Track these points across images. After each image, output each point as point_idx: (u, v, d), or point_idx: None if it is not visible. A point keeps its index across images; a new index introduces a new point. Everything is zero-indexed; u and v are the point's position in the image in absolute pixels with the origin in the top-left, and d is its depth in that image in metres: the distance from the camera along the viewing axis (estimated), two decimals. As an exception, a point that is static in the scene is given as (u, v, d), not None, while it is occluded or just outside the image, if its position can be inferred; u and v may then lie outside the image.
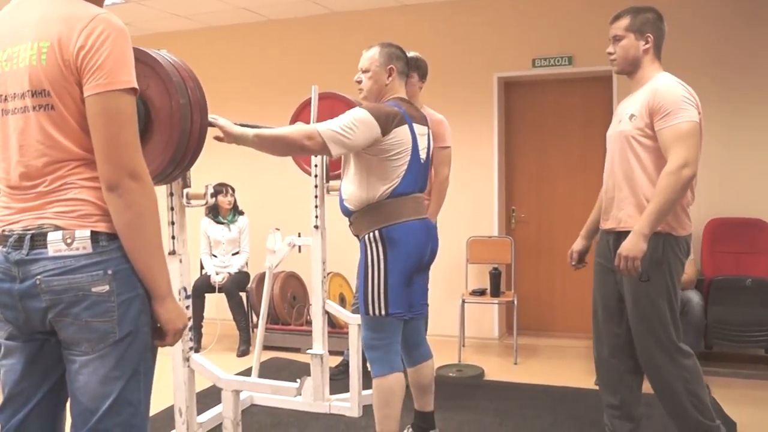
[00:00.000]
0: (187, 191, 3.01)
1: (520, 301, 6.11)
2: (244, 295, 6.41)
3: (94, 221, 1.87)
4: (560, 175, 6.41)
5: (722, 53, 5.70)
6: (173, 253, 3.02)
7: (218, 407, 4.01)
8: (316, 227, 4.42)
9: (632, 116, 3.22)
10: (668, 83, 3.16)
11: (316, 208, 4.41)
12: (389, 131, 3.20)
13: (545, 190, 6.56)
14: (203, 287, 6.24)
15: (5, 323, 1.96)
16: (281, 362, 5.70)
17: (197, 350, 5.98)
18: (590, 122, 6.28)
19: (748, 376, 5.21)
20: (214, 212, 6.48)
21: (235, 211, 6.55)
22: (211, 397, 4.46)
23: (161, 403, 4.16)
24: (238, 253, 6.49)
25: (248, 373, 4.92)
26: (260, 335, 4.70)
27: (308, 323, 6.02)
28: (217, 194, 5.99)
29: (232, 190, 6.49)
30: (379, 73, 3.44)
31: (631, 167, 3.23)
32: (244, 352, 6.12)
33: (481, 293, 5.99)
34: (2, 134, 1.94)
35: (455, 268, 6.34)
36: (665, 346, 3.22)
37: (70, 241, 1.84)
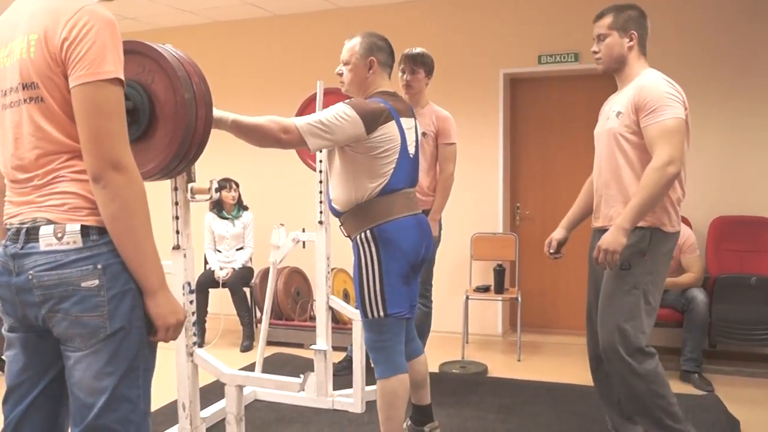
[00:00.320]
0: (191, 186, 2.99)
1: (523, 298, 6.11)
2: (247, 290, 6.41)
3: (84, 215, 1.86)
4: (565, 172, 6.39)
5: (726, 52, 5.68)
6: (177, 248, 3.01)
7: (221, 402, 4.02)
8: (320, 223, 4.42)
9: (619, 113, 3.20)
10: (654, 80, 3.13)
11: (320, 203, 4.41)
12: (375, 129, 3.12)
13: (550, 187, 6.55)
14: (207, 282, 6.24)
15: (7, 315, 1.98)
16: (285, 358, 5.70)
17: (201, 345, 5.99)
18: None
19: (751, 374, 5.20)
20: (218, 207, 6.48)
21: (239, 206, 6.55)
22: (214, 392, 4.47)
23: (164, 397, 4.18)
24: (242, 248, 6.49)
25: (252, 368, 4.93)
26: (264, 330, 4.70)
27: (312, 319, 6.03)
28: (220, 189, 6.00)
29: (235, 185, 6.49)
30: (359, 65, 3.32)
31: (618, 165, 3.21)
32: (247, 347, 6.13)
33: (485, 290, 5.99)
34: (2, 129, 1.95)
35: (459, 264, 6.34)
36: (629, 340, 3.15)
37: (60, 235, 1.84)
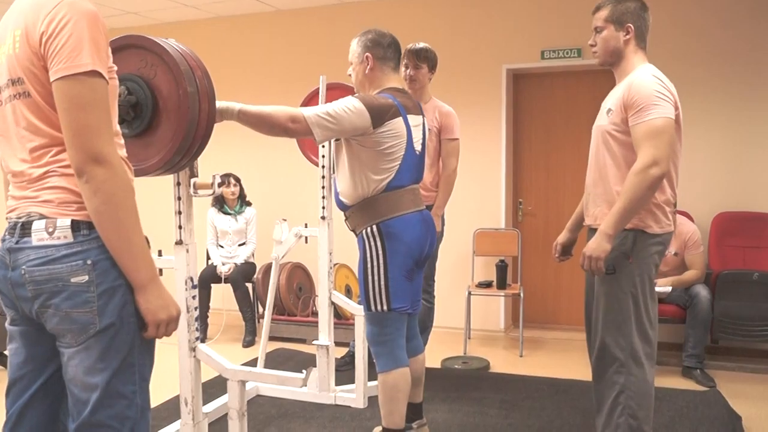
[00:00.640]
0: (194, 181, 3.00)
1: (526, 293, 6.11)
2: (250, 285, 6.40)
3: (74, 210, 1.86)
4: (568, 168, 6.38)
5: (729, 48, 5.67)
6: (180, 243, 3.01)
7: (224, 397, 4.03)
8: (323, 218, 4.42)
9: (609, 111, 3.11)
10: (643, 77, 2.99)
11: (323, 198, 4.41)
12: (381, 124, 3.13)
13: (553, 182, 6.55)
14: (209, 277, 6.25)
15: (7, 308, 1.99)
16: (287, 353, 5.71)
17: (203, 340, 6.00)
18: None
19: (754, 370, 5.20)
20: (219, 203, 6.48)
21: (242, 201, 6.54)
22: (216, 387, 4.47)
23: (167, 392, 4.18)
24: (244, 243, 6.49)
25: (254, 363, 4.93)
26: (266, 326, 4.70)
27: (314, 314, 6.03)
28: (220, 185, 6.00)
29: (235, 180, 6.48)
30: (358, 65, 3.38)
31: (604, 163, 3.13)
32: (249, 342, 6.13)
33: (487, 285, 5.98)
34: (2, 124, 1.95)
35: (462, 260, 6.34)
36: (620, 344, 3.04)
37: (51, 230, 1.84)
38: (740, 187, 5.70)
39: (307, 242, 4.75)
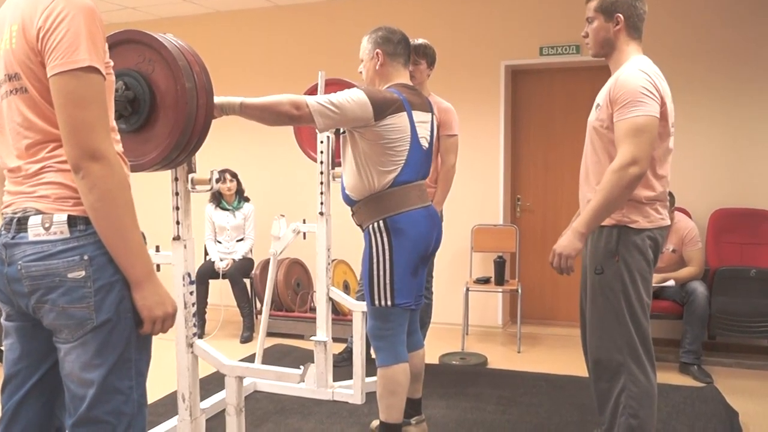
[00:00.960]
0: (192, 176, 2.99)
1: (524, 289, 6.12)
2: (248, 281, 6.41)
3: (70, 205, 1.86)
4: (566, 164, 6.38)
5: (728, 44, 5.66)
6: (178, 238, 3.01)
7: (221, 393, 4.02)
8: (321, 214, 4.41)
9: (597, 106, 3.05)
10: (630, 72, 2.90)
11: (321, 194, 4.40)
12: (384, 117, 3.13)
13: (551, 179, 6.55)
14: (207, 273, 6.24)
15: (3, 304, 1.98)
16: (285, 349, 5.71)
17: (201, 336, 5.99)
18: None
19: (751, 366, 5.21)
20: (217, 198, 6.47)
21: (240, 197, 6.53)
22: (214, 383, 4.48)
23: (164, 388, 4.18)
24: (242, 239, 6.49)
25: (252, 359, 4.93)
26: (264, 322, 4.70)
27: (312, 310, 6.03)
28: (218, 181, 5.99)
29: (231, 175, 6.46)
30: (368, 61, 3.40)
31: (591, 160, 3.08)
32: (247, 338, 6.14)
33: (485, 281, 5.99)
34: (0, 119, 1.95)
35: (460, 256, 6.34)
36: (618, 344, 2.98)
37: (48, 225, 1.83)
38: (738, 183, 5.70)
39: (305, 238, 4.74)
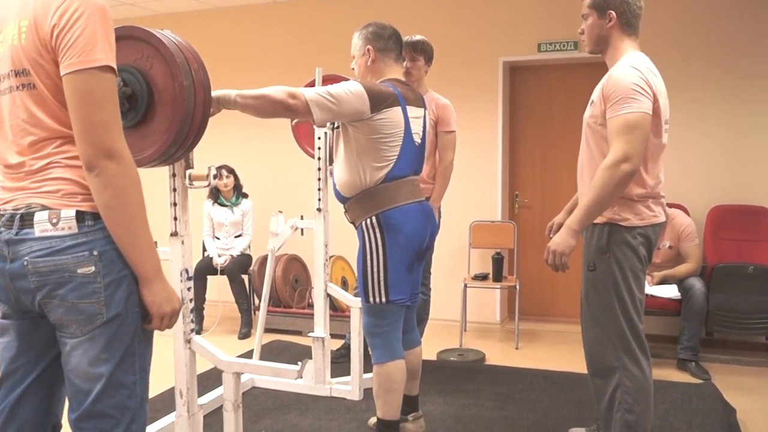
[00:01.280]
0: (189, 172, 2.99)
1: (522, 286, 6.12)
2: (246, 277, 6.41)
3: (78, 201, 1.86)
4: (564, 160, 6.37)
5: (726, 40, 5.66)
6: (175, 234, 3.00)
7: (219, 389, 4.03)
8: (318, 210, 4.41)
9: (592, 102, 3.07)
10: (622, 69, 2.91)
11: (318, 191, 4.40)
12: (379, 109, 3.13)
13: (549, 175, 6.55)
14: (205, 269, 6.24)
15: (0, 302, 1.97)
16: (282, 345, 5.71)
17: (199, 332, 5.99)
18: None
19: (748, 363, 5.22)
20: (215, 194, 6.47)
21: (238, 193, 6.52)
22: (212, 379, 4.48)
23: (162, 384, 4.17)
24: (240, 235, 6.48)
25: (249, 355, 4.93)
26: (262, 318, 4.70)
27: (310, 306, 6.03)
28: (215, 177, 5.99)
29: (228, 171, 6.44)
30: (360, 57, 3.40)
31: (586, 156, 3.10)
32: (245, 334, 6.13)
33: (483, 278, 5.99)
34: None
35: (458, 252, 6.34)
36: (612, 340, 3.01)
37: (55, 221, 1.83)
38: (736, 180, 5.70)
39: (303, 234, 4.74)
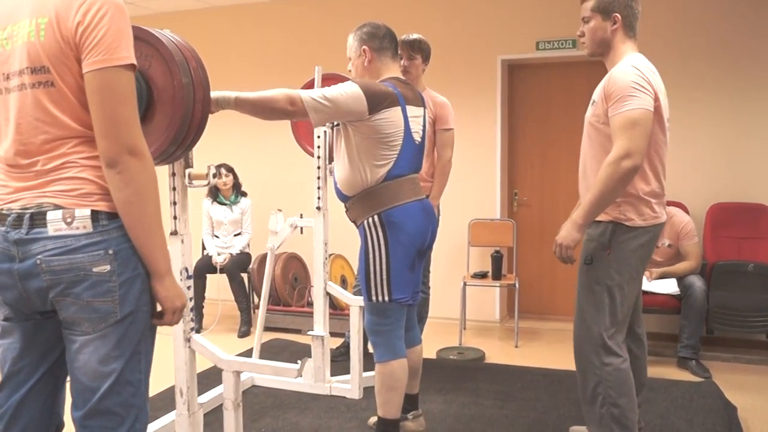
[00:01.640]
0: (189, 171, 2.99)
1: (521, 284, 6.12)
2: (245, 276, 6.40)
3: (94, 200, 1.86)
4: (563, 158, 6.38)
5: (725, 38, 5.66)
6: (175, 233, 3.00)
7: (219, 388, 4.03)
8: (318, 208, 4.41)
9: (593, 102, 3.10)
10: (624, 68, 2.95)
11: (318, 189, 4.40)
12: (378, 110, 3.12)
13: (548, 173, 6.55)
14: (205, 268, 6.24)
15: (1, 305, 1.96)
16: (282, 343, 5.71)
17: (198, 331, 5.99)
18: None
19: (749, 361, 5.22)
20: (214, 193, 6.46)
21: (237, 191, 6.52)
22: (211, 377, 4.48)
23: (162, 383, 4.17)
24: (240, 234, 6.48)
25: (249, 354, 4.93)
26: (261, 316, 4.70)
27: (309, 305, 6.03)
28: (214, 176, 5.98)
29: (227, 170, 6.43)
30: (356, 59, 3.39)
31: (589, 155, 3.13)
32: (245, 333, 6.13)
33: (482, 276, 5.98)
34: (4, 112, 1.93)
35: (457, 250, 6.34)
36: (593, 336, 3.08)
37: (70, 220, 1.83)
38: (735, 178, 5.70)
39: (302, 233, 4.74)
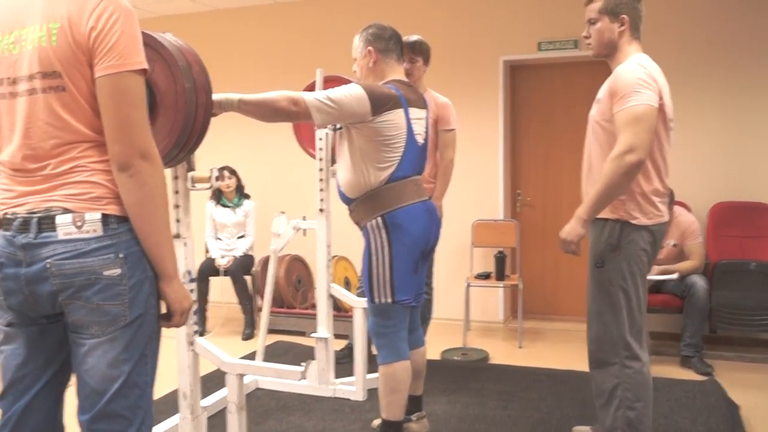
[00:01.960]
0: (191, 174, 3.00)
1: (525, 284, 6.12)
2: (249, 278, 6.40)
3: (104, 204, 1.87)
4: (566, 159, 6.38)
5: (727, 37, 5.65)
6: (178, 236, 3.01)
7: (223, 391, 4.03)
8: (321, 210, 4.42)
9: (598, 101, 3.11)
10: (629, 66, 2.97)
11: (321, 191, 4.41)
12: (381, 112, 3.13)
13: (551, 173, 6.54)
14: (208, 270, 6.24)
15: (5, 311, 1.95)
16: (286, 346, 5.72)
17: (202, 334, 6.01)
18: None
19: (752, 359, 5.22)
20: (217, 196, 6.47)
21: (240, 194, 6.52)
22: (215, 380, 4.48)
23: (165, 386, 4.18)
24: (243, 236, 6.48)
25: (253, 356, 4.94)
26: (265, 319, 4.71)
27: (313, 307, 6.03)
28: (217, 179, 5.99)
29: (230, 172, 6.45)
30: (361, 59, 3.39)
31: (594, 154, 3.13)
32: (248, 335, 6.14)
33: (486, 277, 5.98)
34: (10, 117, 1.92)
35: (460, 251, 6.34)
36: (613, 337, 3.07)
37: (80, 224, 1.84)
38: (737, 176, 5.70)
39: (305, 235, 4.75)
